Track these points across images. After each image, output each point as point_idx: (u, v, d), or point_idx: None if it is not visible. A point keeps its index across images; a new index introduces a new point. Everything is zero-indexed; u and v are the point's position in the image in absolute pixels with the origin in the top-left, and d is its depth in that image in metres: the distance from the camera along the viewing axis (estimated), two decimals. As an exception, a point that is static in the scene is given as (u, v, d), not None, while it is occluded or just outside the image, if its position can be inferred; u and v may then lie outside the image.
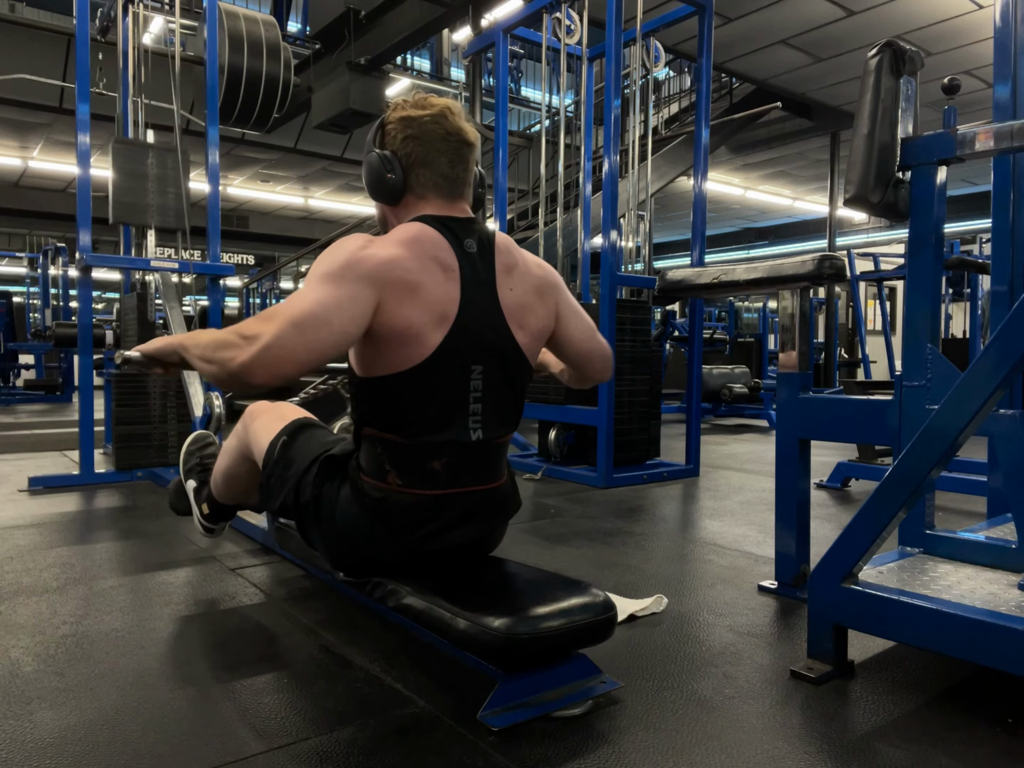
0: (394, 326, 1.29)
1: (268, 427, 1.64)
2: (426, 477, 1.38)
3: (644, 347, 3.84)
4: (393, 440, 1.38)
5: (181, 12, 3.89)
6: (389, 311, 1.28)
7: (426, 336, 1.31)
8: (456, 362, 1.35)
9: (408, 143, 1.40)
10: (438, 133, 1.39)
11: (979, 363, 1.28)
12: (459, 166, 1.42)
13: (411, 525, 1.40)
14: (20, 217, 13.83)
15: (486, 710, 1.24)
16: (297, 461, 1.53)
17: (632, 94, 4.12)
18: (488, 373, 1.39)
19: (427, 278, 1.31)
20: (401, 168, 1.41)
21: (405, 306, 1.29)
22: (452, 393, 1.37)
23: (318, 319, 1.23)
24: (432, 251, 1.34)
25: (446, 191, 1.42)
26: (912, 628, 1.35)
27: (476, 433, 1.40)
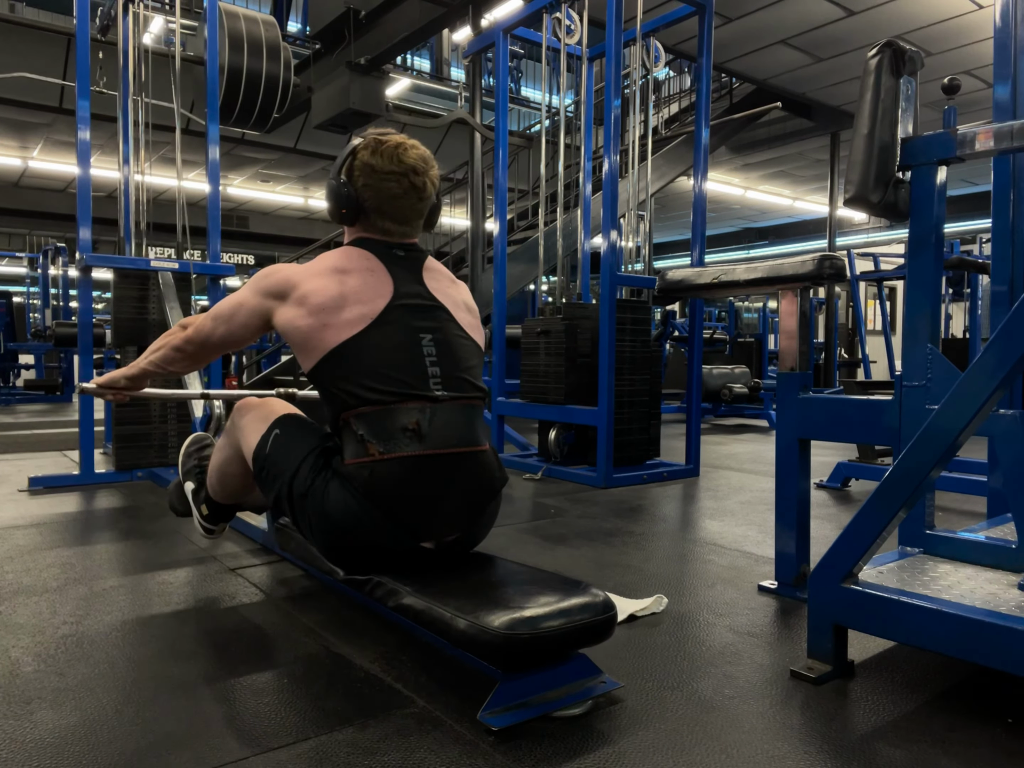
0: (293, 323, 1.53)
1: (257, 422, 1.69)
2: (405, 438, 1.46)
3: (644, 347, 3.84)
4: (365, 412, 1.48)
5: (181, 12, 3.90)
6: (281, 314, 1.56)
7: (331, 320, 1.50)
8: (400, 331, 1.52)
9: (367, 190, 1.58)
10: (395, 191, 1.58)
11: (979, 363, 1.28)
12: (412, 215, 1.63)
13: (399, 496, 1.45)
14: (20, 217, 13.83)
15: (486, 710, 1.24)
16: (289, 455, 1.57)
17: (632, 94, 4.12)
18: (439, 342, 1.56)
19: (316, 283, 1.53)
20: (356, 205, 1.60)
21: (295, 307, 1.53)
22: (406, 355, 1.51)
23: (223, 316, 1.65)
24: (336, 263, 1.56)
25: (393, 231, 1.63)
26: (912, 628, 1.35)
27: (440, 392, 1.52)
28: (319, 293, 1.52)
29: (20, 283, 15.99)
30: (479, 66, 7.15)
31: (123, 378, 1.84)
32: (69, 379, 9.16)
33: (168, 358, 1.76)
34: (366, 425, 1.47)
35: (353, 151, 1.60)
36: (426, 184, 1.61)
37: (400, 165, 1.56)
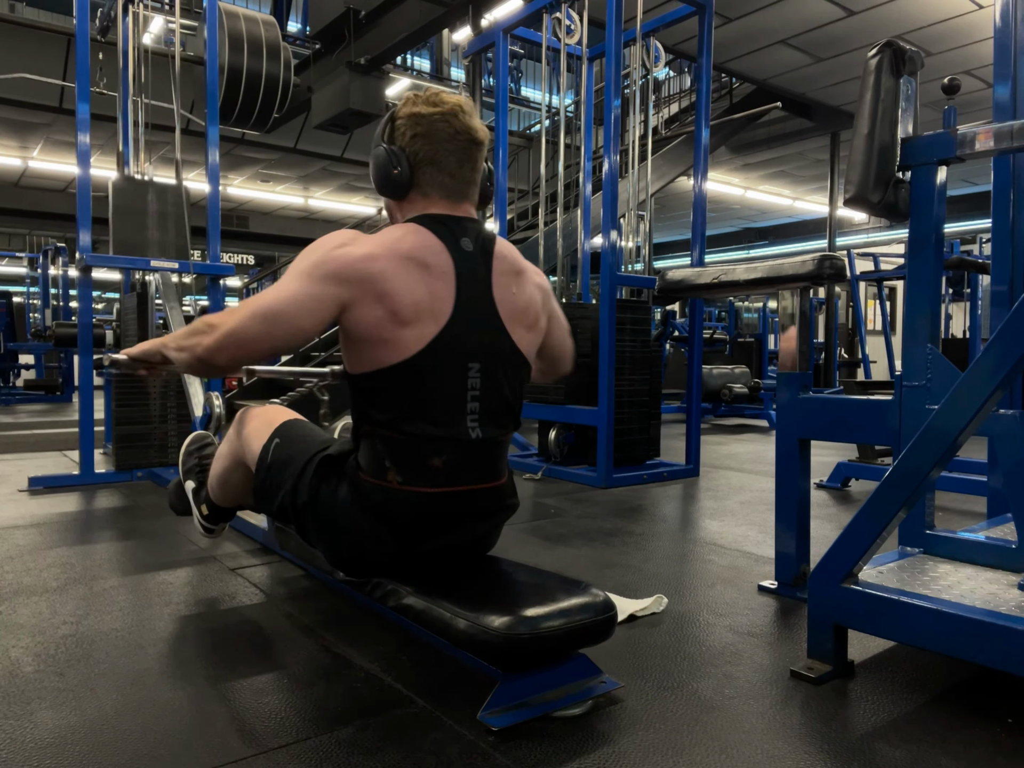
0: (365, 324, 1.32)
1: (259, 431, 1.65)
2: (426, 474, 1.37)
3: (644, 347, 3.84)
4: (392, 437, 1.37)
5: (181, 12, 3.90)
6: (358, 310, 1.31)
7: (400, 334, 1.32)
8: (451, 358, 1.36)
9: (416, 141, 1.40)
10: (447, 132, 1.39)
11: (979, 363, 1.28)
12: (467, 166, 1.42)
13: (411, 524, 1.40)
14: (20, 217, 13.82)
15: (486, 710, 1.24)
16: (292, 462, 1.53)
17: (632, 94, 4.12)
18: (486, 371, 1.40)
19: (400, 278, 1.31)
20: (408, 165, 1.40)
21: (375, 306, 1.31)
22: (449, 390, 1.37)
23: (276, 313, 1.31)
24: (415, 251, 1.34)
25: (451, 190, 1.43)
26: (912, 628, 1.35)
27: (475, 431, 1.39)
28: (404, 294, 1.31)
29: (20, 283, 15.98)
30: (479, 66, 7.15)
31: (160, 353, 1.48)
32: (69, 379, 9.16)
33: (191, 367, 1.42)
34: (390, 452, 1.38)
35: (391, 115, 1.45)
36: (477, 126, 1.43)
37: (444, 105, 1.40)
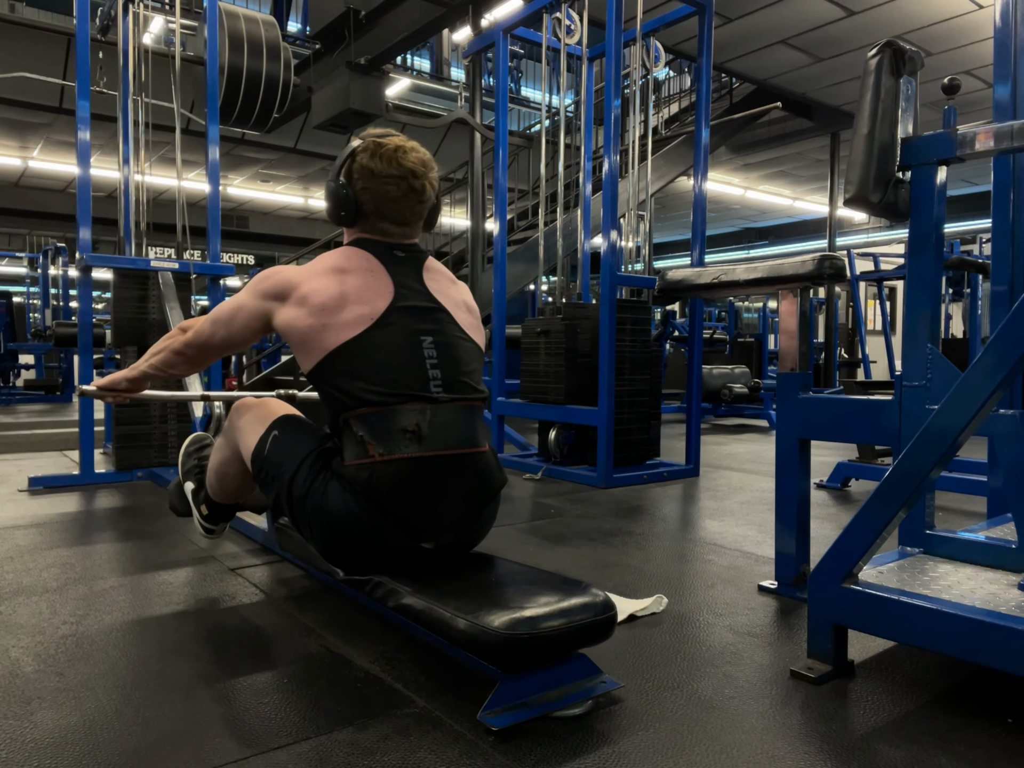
0: (295, 323, 1.53)
1: (255, 423, 1.69)
2: (404, 440, 1.46)
3: (644, 347, 3.84)
4: (365, 413, 1.47)
5: (181, 12, 3.90)
6: (285, 314, 1.55)
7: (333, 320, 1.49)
8: (400, 333, 1.52)
9: (366, 193, 1.58)
10: (394, 194, 1.58)
11: (979, 363, 1.28)
12: (410, 216, 1.63)
13: (399, 497, 1.45)
14: (20, 217, 13.82)
15: (486, 710, 1.24)
16: (289, 457, 1.57)
17: (632, 94, 4.12)
18: (439, 344, 1.55)
19: (317, 283, 1.53)
20: (355, 209, 1.60)
21: (300, 308, 1.52)
22: (406, 357, 1.51)
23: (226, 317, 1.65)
24: (335, 264, 1.56)
25: (392, 232, 1.63)
26: (912, 628, 1.35)
27: (440, 394, 1.51)
28: (319, 293, 1.52)
29: (20, 283, 15.98)
30: (479, 66, 7.15)
31: (124, 380, 1.84)
32: (69, 379, 9.15)
33: (168, 361, 1.76)
34: (366, 426, 1.47)
35: (352, 154, 1.59)
36: (425, 187, 1.61)
37: (399, 168, 1.56)
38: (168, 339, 1.79)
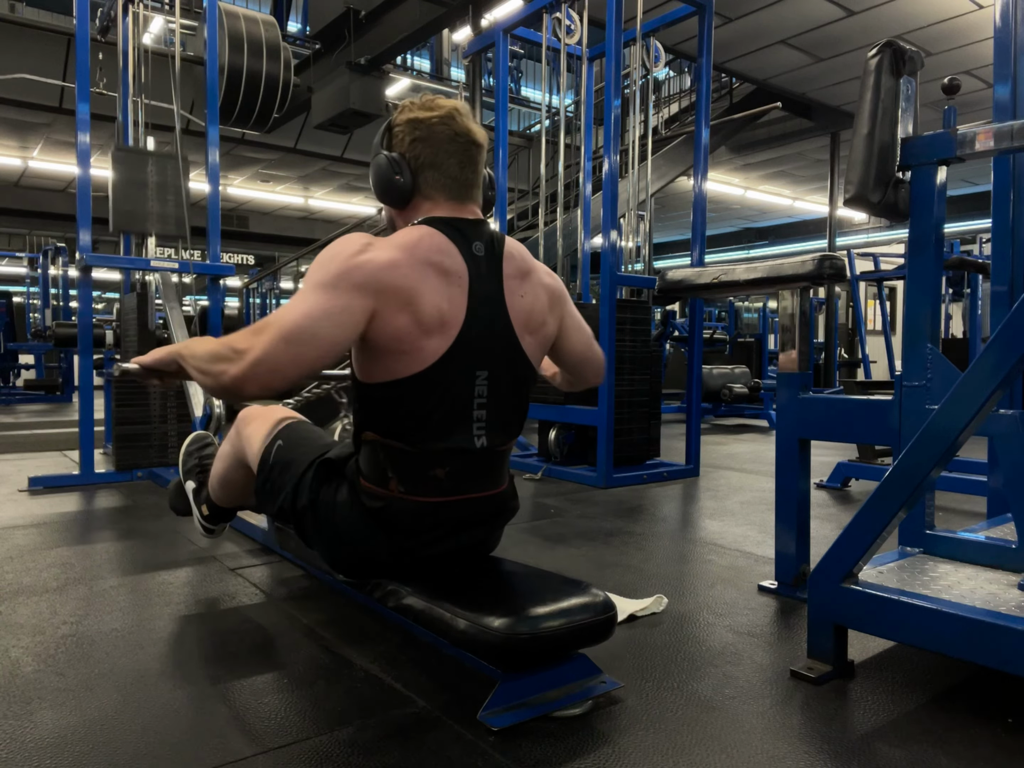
0: (389, 334, 1.27)
1: (261, 431, 1.64)
2: (429, 484, 1.36)
3: (644, 347, 3.84)
4: (395, 447, 1.35)
5: (181, 12, 3.89)
6: (384, 319, 1.26)
7: (423, 344, 1.29)
8: (461, 368, 1.33)
9: (416, 145, 1.38)
10: (446, 135, 1.38)
11: (979, 363, 1.28)
12: (468, 168, 1.41)
13: (411, 531, 1.40)
14: (20, 217, 13.83)
15: (486, 710, 1.24)
16: (293, 465, 1.52)
17: (632, 94, 4.12)
18: (493, 379, 1.37)
19: (424, 285, 1.28)
20: (409, 171, 1.39)
21: (401, 314, 1.27)
22: (457, 399, 1.34)
23: (307, 332, 1.22)
24: (433, 256, 1.31)
25: (455, 193, 1.40)
26: (912, 628, 1.35)
27: (480, 440, 1.38)
28: (429, 301, 1.28)
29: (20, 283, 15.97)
30: (479, 66, 7.15)
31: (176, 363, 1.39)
32: (69, 379, 9.16)
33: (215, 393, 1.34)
34: (392, 462, 1.36)
35: (388, 124, 1.44)
36: (474, 128, 1.42)
37: (442, 108, 1.40)
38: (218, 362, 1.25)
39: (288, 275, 14.34)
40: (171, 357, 1.40)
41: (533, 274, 1.46)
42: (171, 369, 1.42)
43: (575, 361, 1.63)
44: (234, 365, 1.22)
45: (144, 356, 1.46)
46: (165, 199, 3.65)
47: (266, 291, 11.70)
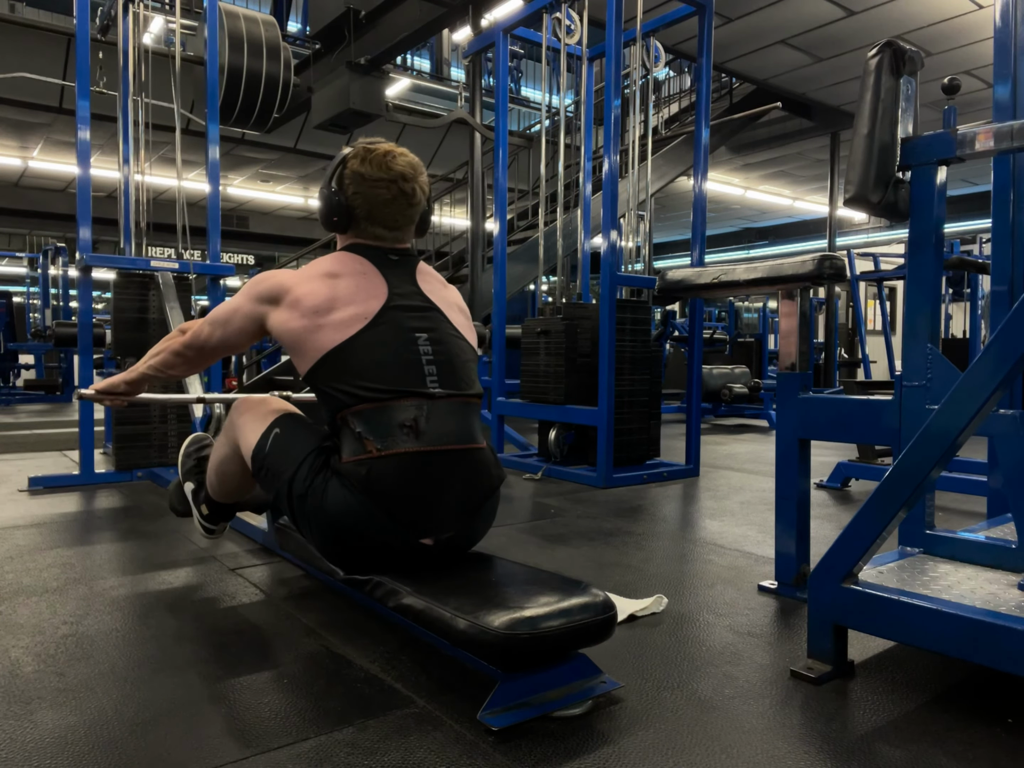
0: (288, 326, 1.55)
1: (256, 421, 1.69)
2: (402, 435, 1.47)
3: (644, 347, 3.84)
4: (363, 409, 1.49)
5: (181, 12, 3.90)
6: (278, 317, 1.57)
7: (326, 321, 1.51)
8: (395, 331, 1.54)
9: (357, 197, 1.62)
10: (384, 198, 1.61)
11: (979, 363, 1.28)
12: (401, 220, 1.65)
13: (397, 493, 1.45)
14: (20, 217, 13.82)
15: (486, 710, 1.24)
16: (290, 455, 1.57)
17: (632, 94, 4.12)
18: (435, 341, 1.57)
19: (309, 287, 1.55)
20: (347, 215, 1.63)
21: (292, 311, 1.55)
22: (403, 355, 1.53)
23: (220, 322, 1.68)
24: (327, 269, 1.58)
25: (384, 237, 1.66)
26: (912, 628, 1.35)
27: (436, 388, 1.53)
28: (311, 296, 1.55)
29: (20, 283, 15.98)
30: (479, 66, 7.15)
31: (122, 383, 1.86)
32: (69, 379, 9.16)
33: (167, 362, 1.79)
34: (363, 422, 1.49)
35: (343, 160, 1.64)
36: (415, 190, 1.64)
37: (389, 172, 1.60)
38: (167, 340, 1.82)
39: (288, 275, 14.30)
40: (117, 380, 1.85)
41: (451, 288, 1.75)
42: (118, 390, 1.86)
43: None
44: (181, 337, 1.76)
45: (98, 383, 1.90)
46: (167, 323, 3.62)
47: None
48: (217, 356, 1.78)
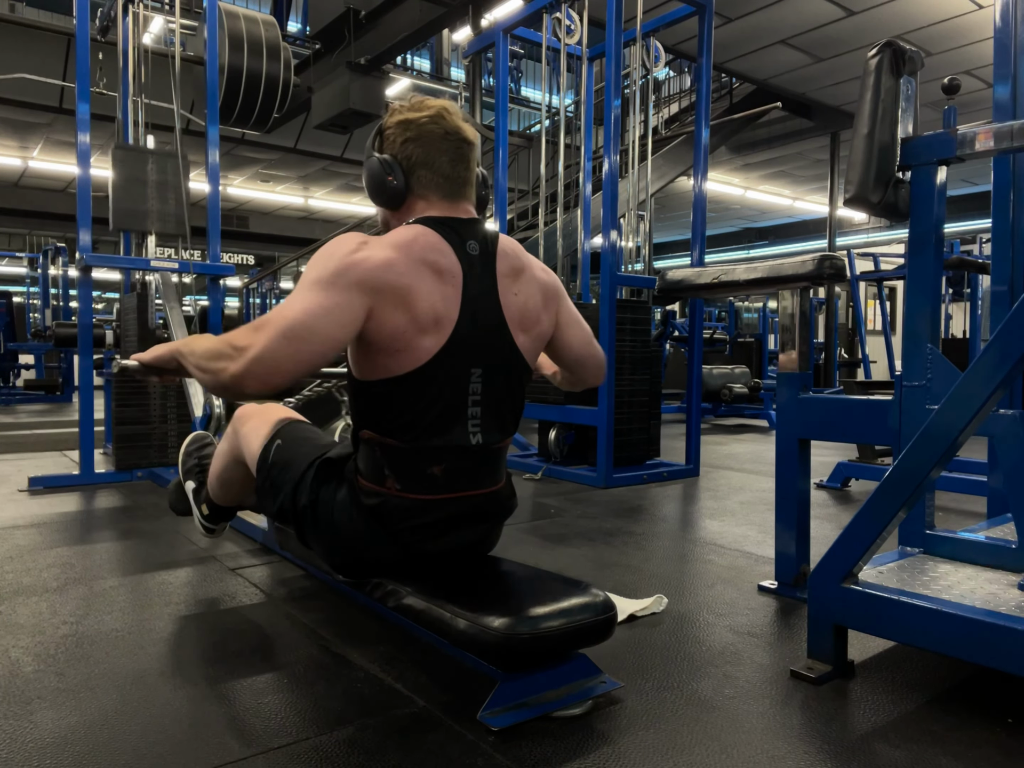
0: (386, 332, 1.29)
1: (259, 430, 1.64)
2: (425, 482, 1.37)
3: (644, 347, 3.84)
4: (392, 444, 1.36)
5: (181, 12, 3.89)
6: (380, 317, 1.28)
7: (418, 342, 1.30)
8: (456, 366, 1.34)
9: (408, 145, 1.40)
10: (437, 133, 1.39)
11: (979, 363, 1.28)
12: (460, 165, 1.42)
13: (409, 528, 1.40)
14: (20, 217, 13.83)
15: (486, 710, 1.24)
16: (293, 464, 1.52)
17: (632, 94, 4.12)
18: (487, 376, 1.38)
19: (420, 283, 1.29)
20: (402, 171, 1.40)
21: (397, 312, 1.28)
22: (451, 397, 1.35)
23: (306, 329, 1.22)
24: (428, 255, 1.32)
25: (448, 192, 1.41)
26: (912, 628, 1.35)
27: (476, 437, 1.39)
28: (422, 301, 1.29)
29: (20, 283, 15.98)
30: (479, 66, 7.15)
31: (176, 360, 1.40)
32: (69, 379, 9.16)
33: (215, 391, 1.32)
34: (389, 460, 1.37)
35: (379, 127, 1.46)
36: (463, 127, 1.42)
37: (432, 108, 1.41)
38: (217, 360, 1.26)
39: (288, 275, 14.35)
40: (171, 354, 1.41)
41: (527, 271, 1.46)
42: (171, 367, 1.43)
43: (573, 358, 1.62)
44: (234, 362, 1.22)
45: (143, 353, 1.46)
46: (165, 198, 3.65)
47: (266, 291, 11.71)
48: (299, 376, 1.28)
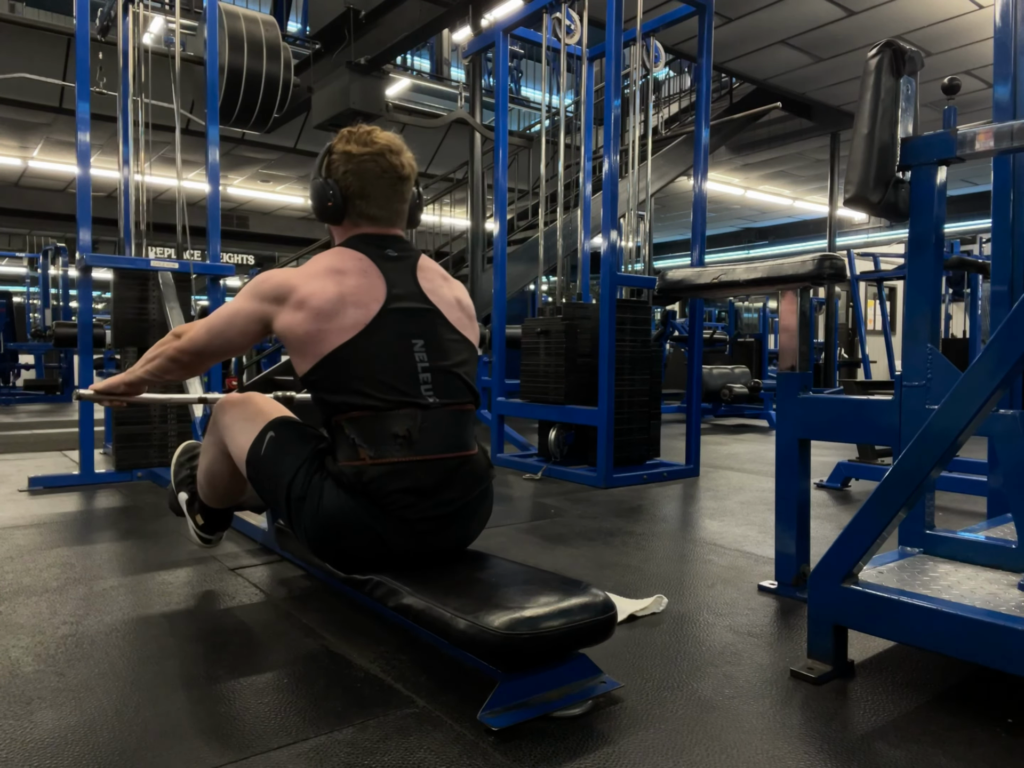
0: (293, 328, 1.52)
1: (244, 421, 1.68)
2: (394, 445, 1.48)
3: (644, 347, 3.84)
4: (357, 417, 1.49)
5: (181, 12, 3.89)
6: (283, 318, 1.54)
7: (328, 326, 1.50)
8: (392, 337, 1.53)
9: (348, 176, 1.61)
10: (374, 172, 1.61)
11: (979, 363, 1.28)
12: (393, 199, 1.65)
13: (390, 492, 1.46)
14: (20, 217, 13.82)
15: (486, 710, 1.24)
16: (288, 459, 1.57)
17: (632, 94, 4.12)
18: (430, 346, 1.56)
19: (315, 286, 1.52)
20: (341, 197, 1.62)
21: (297, 312, 1.52)
22: (398, 363, 1.52)
23: (219, 326, 1.64)
24: (331, 266, 1.56)
25: (379, 218, 1.65)
26: (912, 628, 1.35)
27: (431, 398, 1.53)
28: (318, 296, 1.51)
29: (20, 283, 15.98)
30: (479, 66, 7.15)
31: (122, 384, 1.82)
32: (69, 379, 9.16)
33: (163, 368, 1.74)
34: (357, 430, 1.49)
35: (328, 149, 1.65)
36: (403, 164, 1.63)
37: (374, 145, 1.61)
38: (163, 345, 1.76)
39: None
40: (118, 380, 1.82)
41: (452, 281, 1.71)
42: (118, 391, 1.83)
43: None
44: (176, 342, 1.70)
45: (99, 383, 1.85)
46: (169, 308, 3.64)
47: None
48: (216, 360, 1.74)
